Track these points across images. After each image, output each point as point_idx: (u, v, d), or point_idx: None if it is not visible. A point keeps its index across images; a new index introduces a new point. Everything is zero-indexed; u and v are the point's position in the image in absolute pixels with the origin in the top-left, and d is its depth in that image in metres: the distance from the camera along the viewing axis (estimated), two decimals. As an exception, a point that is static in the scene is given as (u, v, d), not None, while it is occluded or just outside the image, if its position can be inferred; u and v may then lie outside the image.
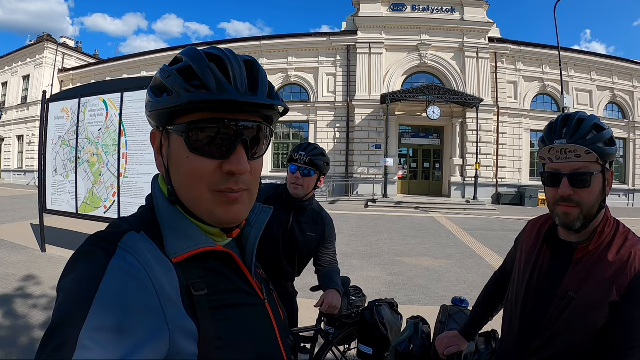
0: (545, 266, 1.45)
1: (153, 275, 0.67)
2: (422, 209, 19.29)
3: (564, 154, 1.29)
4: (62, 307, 0.62)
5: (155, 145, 0.83)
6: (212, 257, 0.80)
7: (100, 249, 0.67)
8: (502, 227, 14.00)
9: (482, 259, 8.79)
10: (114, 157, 7.15)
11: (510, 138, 24.37)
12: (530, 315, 1.43)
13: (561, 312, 1.32)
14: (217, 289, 0.77)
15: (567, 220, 1.32)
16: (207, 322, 0.72)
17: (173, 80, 0.75)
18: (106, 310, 0.60)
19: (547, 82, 25.11)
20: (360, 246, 10.10)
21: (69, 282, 0.65)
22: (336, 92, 24.98)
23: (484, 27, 24.03)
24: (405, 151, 25.24)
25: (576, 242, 1.38)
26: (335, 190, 23.45)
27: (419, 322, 2.38)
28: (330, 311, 2.51)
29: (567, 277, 1.35)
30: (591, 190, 1.29)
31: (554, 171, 1.34)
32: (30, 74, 33.12)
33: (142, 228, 0.74)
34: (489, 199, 22.98)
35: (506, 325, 1.60)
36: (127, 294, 0.63)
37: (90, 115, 7.59)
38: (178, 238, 0.76)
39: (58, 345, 0.57)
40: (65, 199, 8.05)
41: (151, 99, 0.79)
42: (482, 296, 1.92)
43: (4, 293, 5.64)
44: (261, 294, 0.90)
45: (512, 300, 1.55)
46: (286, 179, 2.60)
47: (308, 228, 2.68)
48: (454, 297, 2.50)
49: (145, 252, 0.69)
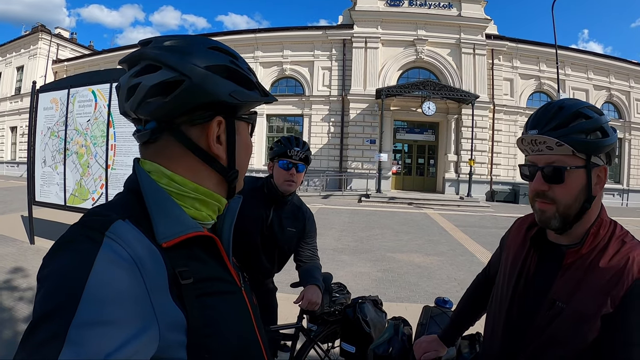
0: (532, 271, 1.32)
1: (142, 265, 0.66)
2: (415, 205, 19.27)
3: (536, 145, 1.19)
4: (47, 299, 0.59)
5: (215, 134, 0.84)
6: (196, 244, 0.79)
7: (87, 237, 0.65)
8: (495, 225, 13.96)
9: (473, 256, 8.74)
10: (102, 149, 7.08)
11: (506, 135, 24.34)
12: (515, 325, 1.30)
13: (548, 324, 1.18)
14: (202, 276, 0.77)
15: (543, 218, 1.22)
16: (195, 310, 0.72)
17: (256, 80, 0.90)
18: (96, 304, 0.58)
19: (543, 80, 25.08)
20: (351, 241, 10.06)
21: (55, 273, 0.62)
22: (331, 86, 24.86)
23: (481, 24, 23.91)
24: (399, 146, 25.17)
25: (566, 245, 1.25)
26: (328, 185, 23.42)
27: (399, 324, 2.30)
28: (310, 307, 2.44)
29: (555, 285, 1.21)
30: (567, 187, 1.17)
31: (530, 164, 1.24)
32: (24, 65, 32.84)
33: (127, 215, 0.73)
34: (483, 196, 23.04)
35: (488, 333, 1.47)
36: (117, 286, 0.61)
37: (79, 106, 7.51)
38: (169, 222, 0.75)
39: (44, 340, 0.54)
40: (53, 190, 7.97)
41: (248, 91, 0.87)
42: (463, 300, 1.80)
43: None
44: (238, 281, 0.92)
45: (496, 308, 1.42)
46: (271, 174, 2.51)
47: (288, 223, 2.62)
48: (437, 298, 2.39)
49: (134, 241, 0.68)
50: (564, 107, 1.18)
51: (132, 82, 0.79)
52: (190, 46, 0.81)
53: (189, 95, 0.78)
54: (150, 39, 0.84)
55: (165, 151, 0.83)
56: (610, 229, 1.22)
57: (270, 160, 2.53)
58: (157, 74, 0.77)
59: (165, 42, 0.82)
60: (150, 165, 0.83)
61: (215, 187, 0.88)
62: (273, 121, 26.45)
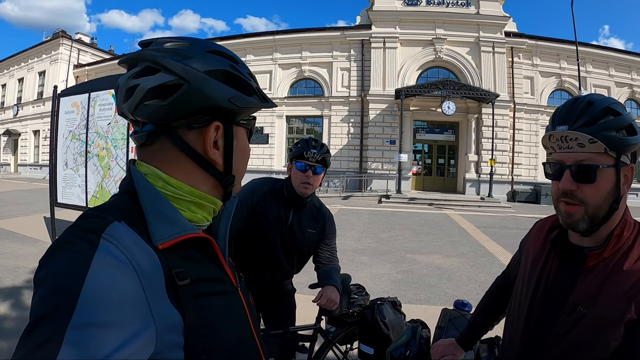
0: (552, 274, 1.25)
1: (138, 266, 0.66)
2: (436, 206, 19.13)
3: (565, 142, 1.11)
4: (44, 301, 0.59)
5: (212, 139, 0.84)
6: (192, 245, 0.79)
7: (83, 240, 0.65)
8: (516, 226, 13.75)
9: (494, 258, 8.61)
10: (122, 151, 7.10)
11: (527, 134, 23.97)
12: (534, 331, 1.25)
13: (569, 330, 1.13)
14: (198, 277, 0.77)
15: (570, 221, 1.15)
16: (192, 311, 0.72)
17: (256, 85, 0.89)
18: (93, 305, 0.58)
19: (564, 78, 24.59)
20: (371, 242, 10.01)
21: (52, 275, 0.62)
22: (350, 87, 24.83)
23: (499, 21, 23.64)
24: (419, 147, 25.00)
25: (589, 247, 1.18)
26: (348, 186, 23.40)
27: (417, 326, 2.28)
28: (328, 306, 2.46)
29: (576, 289, 1.15)
30: (597, 187, 1.10)
31: (557, 162, 1.17)
32: (45, 70, 33.66)
33: (122, 217, 0.72)
34: (504, 196, 22.70)
35: (507, 338, 1.42)
36: (114, 288, 0.62)
37: (100, 110, 7.57)
38: (164, 224, 0.76)
39: (41, 342, 0.54)
40: (75, 192, 8.05)
41: (248, 97, 0.86)
42: (482, 303, 1.76)
43: (14, 285, 5.72)
44: (235, 281, 0.92)
45: (515, 312, 1.37)
46: (289, 176, 2.52)
47: (308, 225, 2.61)
48: (456, 300, 2.37)
49: (130, 243, 0.68)
50: (594, 102, 1.12)
51: (131, 83, 0.79)
52: (190, 49, 0.81)
53: (187, 99, 0.78)
54: (150, 40, 0.84)
55: (162, 154, 0.82)
56: (635, 231, 1.17)
57: (289, 161, 2.53)
58: (155, 76, 0.77)
59: (165, 44, 0.82)
60: (146, 168, 0.83)
61: (211, 191, 0.88)
62: (293, 122, 26.52)
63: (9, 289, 5.53)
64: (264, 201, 2.52)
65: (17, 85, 36.49)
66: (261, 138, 25.47)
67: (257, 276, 2.53)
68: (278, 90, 25.74)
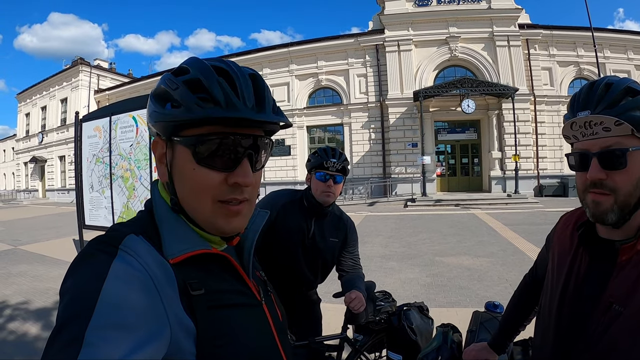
0: (583, 271, 1.17)
1: (154, 274, 0.69)
2: (462, 206, 19.04)
3: (589, 129, 1.05)
4: (67, 307, 0.63)
5: (157, 153, 0.84)
6: (209, 259, 0.82)
7: (102, 251, 0.69)
8: (545, 221, 13.46)
9: (525, 255, 8.45)
10: (146, 172, 7.28)
11: (549, 127, 23.60)
12: (567, 331, 1.16)
13: (605, 330, 1.05)
14: (214, 289, 0.79)
15: (597, 212, 1.07)
16: (205, 321, 0.74)
17: (182, 92, 0.77)
18: (110, 308, 0.61)
19: (582, 66, 24.13)
20: (399, 247, 9.94)
21: (73, 285, 0.66)
22: (368, 93, 24.87)
23: (512, 14, 23.38)
24: (442, 148, 24.80)
25: (620, 240, 1.10)
26: (373, 192, 23.44)
27: (448, 331, 2.23)
28: (356, 305, 2.39)
29: (610, 286, 1.07)
30: (628, 172, 1.02)
31: (582, 151, 1.10)
32: (67, 97, 34.57)
33: (140, 232, 0.77)
34: (531, 191, 22.37)
35: (538, 339, 1.35)
36: (130, 293, 0.65)
37: (122, 132, 7.78)
38: (176, 241, 0.78)
39: (65, 344, 0.58)
40: (102, 214, 8.28)
41: (156, 109, 0.80)
42: (511, 304, 1.68)
43: (44, 307, 5.91)
44: (258, 295, 0.92)
45: (545, 311, 1.29)
46: (309, 186, 2.50)
47: (330, 234, 2.58)
48: (487, 302, 2.28)
49: (145, 253, 0.72)
50: (612, 83, 1.06)
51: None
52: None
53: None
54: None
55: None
56: None
57: (308, 172, 2.51)
58: None
59: None
60: (161, 185, 0.88)
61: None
62: (314, 132, 26.64)
63: (40, 310, 5.75)
64: (283, 213, 2.50)
65: (40, 113, 37.60)
66: (283, 150, 25.64)
67: (281, 288, 2.47)
68: (297, 102, 25.92)
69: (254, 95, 0.79)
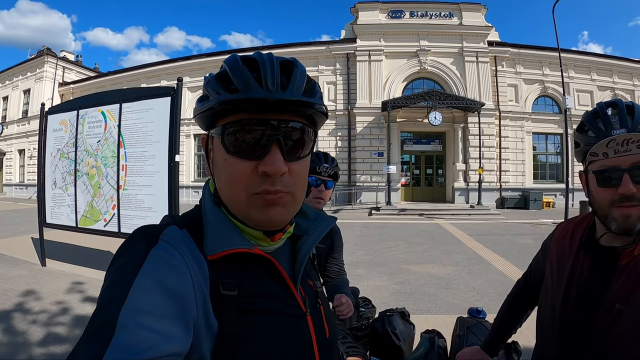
0: (585, 275, 1.27)
1: (191, 266, 0.70)
2: (426, 216, 19.14)
3: (625, 146, 1.11)
4: (105, 292, 0.64)
5: (205, 149, 0.86)
6: (250, 259, 0.79)
7: (143, 241, 0.71)
8: (508, 232, 13.90)
9: (490, 265, 8.68)
10: (113, 169, 7.06)
11: (513, 141, 24.19)
12: (572, 331, 1.26)
13: (608, 328, 1.15)
14: (250, 292, 0.77)
15: (627, 225, 1.14)
16: (230, 322, 0.72)
17: (210, 85, 0.77)
18: (144, 294, 0.62)
19: (547, 84, 25.02)
20: (366, 255, 9.96)
21: (113, 271, 0.68)
22: (337, 101, 24.92)
23: (482, 31, 24.00)
24: (407, 158, 25.06)
25: (621, 246, 1.20)
26: (338, 199, 23.33)
27: (434, 337, 2.25)
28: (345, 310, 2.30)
29: (612, 287, 1.17)
30: None
31: (611, 167, 1.15)
32: (30, 88, 33.27)
33: (186, 225, 0.78)
34: (493, 203, 22.86)
35: (540, 340, 1.45)
36: (165, 280, 0.65)
37: (89, 127, 7.52)
38: (217, 237, 0.77)
39: (99, 328, 0.59)
40: (64, 212, 7.96)
41: (196, 105, 0.82)
42: (504, 307, 1.76)
43: (3, 309, 5.49)
44: (303, 305, 0.87)
45: (548, 314, 1.38)
46: None
47: None
48: (470, 308, 2.37)
49: (183, 245, 0.73)
50: (634, 105, 1.18)
51: None
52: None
53: None
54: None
55: None
56: None
57: None
58: None
59: None
60: (211, 181, 0.87)
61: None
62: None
63: (-1, 313, 5.34)
64: None
65: (1, 103, 36.04)
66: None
67: None
68: (265, 105, 25.64)
69: (279, 78, 0.75)
